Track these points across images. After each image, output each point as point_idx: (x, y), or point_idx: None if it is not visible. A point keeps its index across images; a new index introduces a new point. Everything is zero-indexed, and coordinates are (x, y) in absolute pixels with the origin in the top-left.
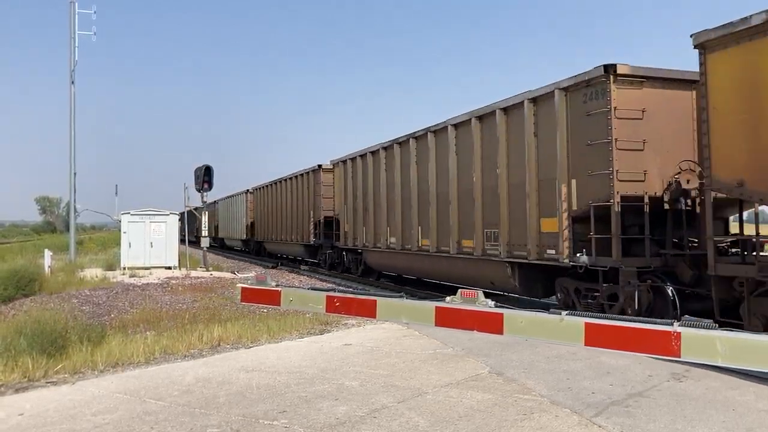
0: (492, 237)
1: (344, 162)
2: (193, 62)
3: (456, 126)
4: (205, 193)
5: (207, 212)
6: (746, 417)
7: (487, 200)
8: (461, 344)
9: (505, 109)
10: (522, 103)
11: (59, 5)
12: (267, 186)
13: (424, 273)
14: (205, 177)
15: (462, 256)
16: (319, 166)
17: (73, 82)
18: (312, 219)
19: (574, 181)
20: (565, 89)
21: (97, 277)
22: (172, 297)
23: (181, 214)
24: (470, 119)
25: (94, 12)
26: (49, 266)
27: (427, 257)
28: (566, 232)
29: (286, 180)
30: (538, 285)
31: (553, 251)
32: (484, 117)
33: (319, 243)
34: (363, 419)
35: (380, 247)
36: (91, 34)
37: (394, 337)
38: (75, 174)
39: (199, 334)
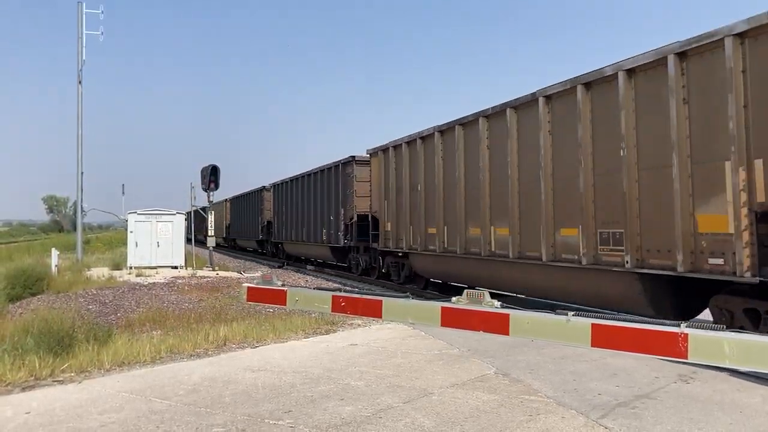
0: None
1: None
2: (200, 61)
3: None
4: (211, 193)
5: (214, 211)
6: (754, 419)
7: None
8: (467, 345)
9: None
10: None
11: (68, 5)
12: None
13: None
14: (211, 176)
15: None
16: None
17: (80, 82)
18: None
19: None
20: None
21: (103, 276)
22: (179, 296)
23: (188, 214)
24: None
25: (102, 12)
26: (56, 265)
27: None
28: (746, 234)
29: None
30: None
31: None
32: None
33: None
34: (368, 419)
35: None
36: (99, 34)
37: (399, 338)
38: (82, 173)
39: (205, 333)
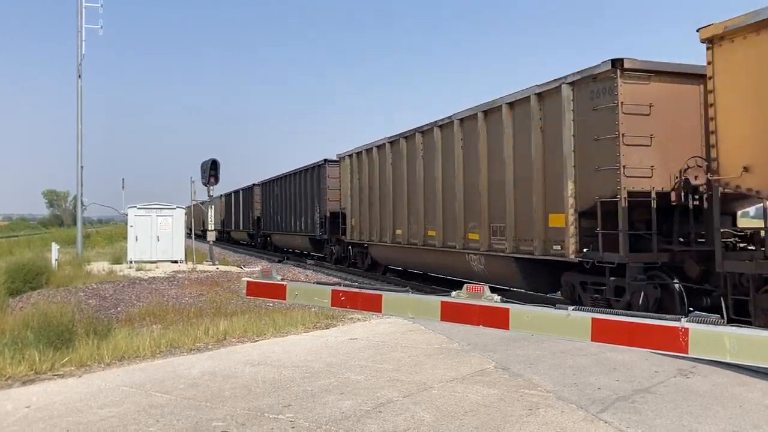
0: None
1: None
2: (200, 54)
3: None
4: (211, 187)
5: (213, 206)
6: (753, 413)
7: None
8: (467, 339)
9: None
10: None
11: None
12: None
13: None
14: (211, 171)
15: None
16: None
17: (80, 76)
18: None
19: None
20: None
21: (103, 270)
22: (179, 291)
23: (188, 208)
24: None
25: (101, 5)
26: (56, 260)
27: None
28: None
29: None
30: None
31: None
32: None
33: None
34: (368, 413)
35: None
36: (98, 28)
37: (399, 332)
38: (82, 168)
39: (205, 327)
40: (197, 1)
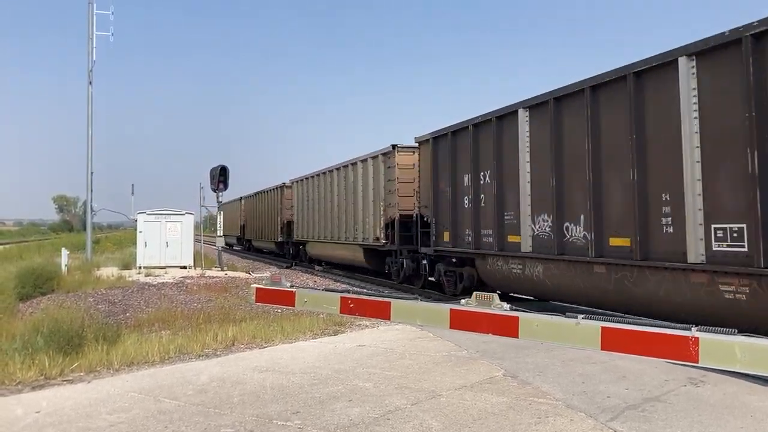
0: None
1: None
2: (211, 60)
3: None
4: (220, 194)
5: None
6: (765, 423)
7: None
8: (475, 346)
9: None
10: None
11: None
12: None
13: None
14: (220, 177)
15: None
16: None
17: (90, 83)
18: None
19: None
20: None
21: (113, 276)
22: (187, 296)
23: (202, 215)
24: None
25: (112, 13)
26: (65, 265)
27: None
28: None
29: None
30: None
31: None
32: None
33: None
34: (377, 421)
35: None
36: (109, 35)
37: (407, 339)
38: (92, 173)
39: (214, 333)
40: (209, 7)
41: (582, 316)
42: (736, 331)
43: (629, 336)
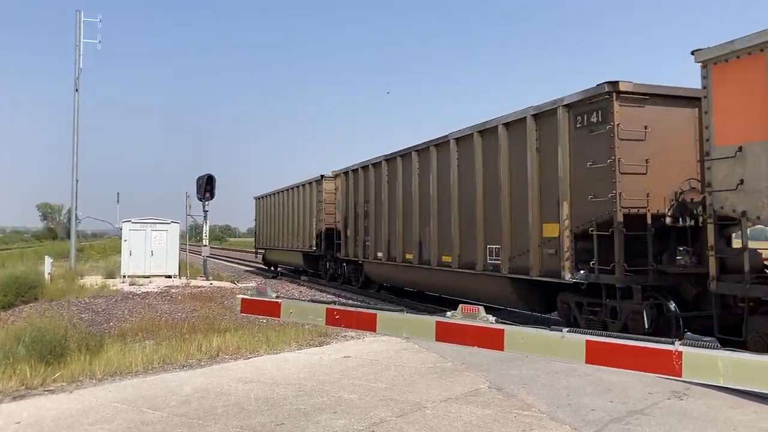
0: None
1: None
2: (198, 70)
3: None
4: (206, 202)
5: (207, 222)
6: None
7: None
8: (461, 358)
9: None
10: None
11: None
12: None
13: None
14: (207, 186)
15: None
16: (322, 176)
17: (77, 90)
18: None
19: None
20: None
21: (97, 284)
22: (172, 306)
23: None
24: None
25: (100, 20)
26: (49, 273)
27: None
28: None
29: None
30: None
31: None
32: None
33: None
34: None
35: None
36: (97, 43)
37: (393, 350)
38: (77, 181)
39: (198, 343)
40: (197, 14)
41: (566, 329)
42: (719, 345)
43: (613, 350)
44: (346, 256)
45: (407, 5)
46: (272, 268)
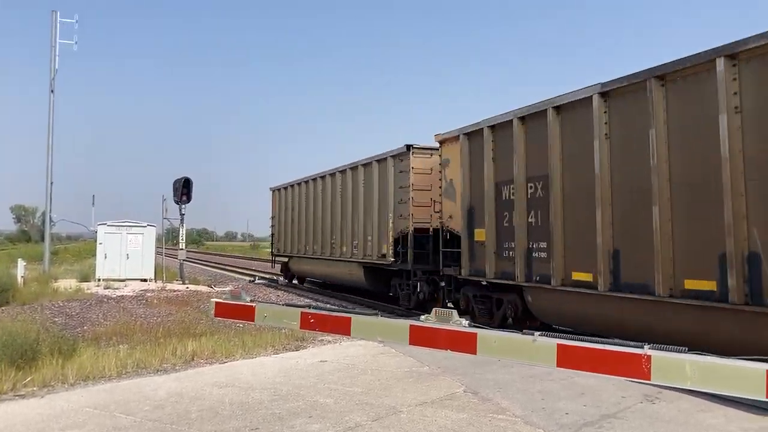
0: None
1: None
2: (175, 72)
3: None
4: (183, 206)
5: (183, 225)
6: None
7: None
8: (437, 363)
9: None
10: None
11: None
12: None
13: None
14: (183, 189)
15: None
16: (409, 147)
17: (52, 91)
18: None
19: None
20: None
21: (71, 288)
22: (147, 310)
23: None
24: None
25: (76, 21)
26: (22, 276)
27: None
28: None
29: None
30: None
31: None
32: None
33: None
34: None
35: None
36: (73, 44)
37: (369, 355)
38: (52, 183)
39: (173, 348)
40: (174, 14)
41: (538, 333)
42: (687, 349)
43: (584, 353)
44: (474, 275)
45: (406, 5)
46: (295, 281)
